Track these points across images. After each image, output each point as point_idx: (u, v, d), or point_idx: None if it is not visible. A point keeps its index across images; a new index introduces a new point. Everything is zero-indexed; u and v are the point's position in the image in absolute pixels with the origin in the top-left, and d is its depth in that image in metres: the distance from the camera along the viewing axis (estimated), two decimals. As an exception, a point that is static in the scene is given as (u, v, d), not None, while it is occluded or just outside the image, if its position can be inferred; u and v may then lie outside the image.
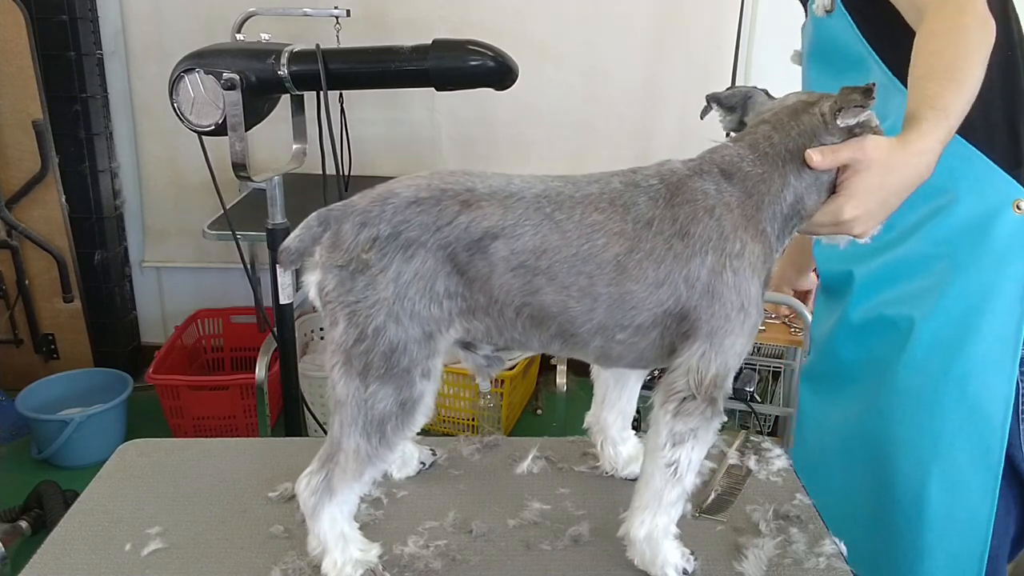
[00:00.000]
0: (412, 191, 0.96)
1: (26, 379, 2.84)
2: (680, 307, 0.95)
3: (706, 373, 0.95)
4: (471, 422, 2.86)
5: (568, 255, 0.94)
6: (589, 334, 0.98)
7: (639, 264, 0.94)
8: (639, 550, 1.02)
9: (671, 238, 0.94)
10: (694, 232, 0.94)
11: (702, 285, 0.94)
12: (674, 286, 0.94)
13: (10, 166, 2.89)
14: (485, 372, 1.08)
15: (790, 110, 1.00)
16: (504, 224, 0.94)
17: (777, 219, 0.98)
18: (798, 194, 0.98)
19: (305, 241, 0.98)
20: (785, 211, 0.98)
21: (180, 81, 1.67)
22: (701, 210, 0.94)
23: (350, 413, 0.97)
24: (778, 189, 0.97)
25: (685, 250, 0.93)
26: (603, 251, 0.94)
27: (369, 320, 0.94)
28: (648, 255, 0.94)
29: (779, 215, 0.98)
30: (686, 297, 0.94)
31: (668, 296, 0.94)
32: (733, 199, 0.95)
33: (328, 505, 1.00)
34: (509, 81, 1.69)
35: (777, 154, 0.97)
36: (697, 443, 0.98)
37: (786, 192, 0.97)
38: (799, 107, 1.00)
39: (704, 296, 0.94)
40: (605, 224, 0.94)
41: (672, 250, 0.94)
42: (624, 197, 0.96)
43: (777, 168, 0.97)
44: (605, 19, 2.89)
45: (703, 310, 0.94)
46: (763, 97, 1.06)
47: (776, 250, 1.00)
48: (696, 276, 0.94)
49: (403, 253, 0.94)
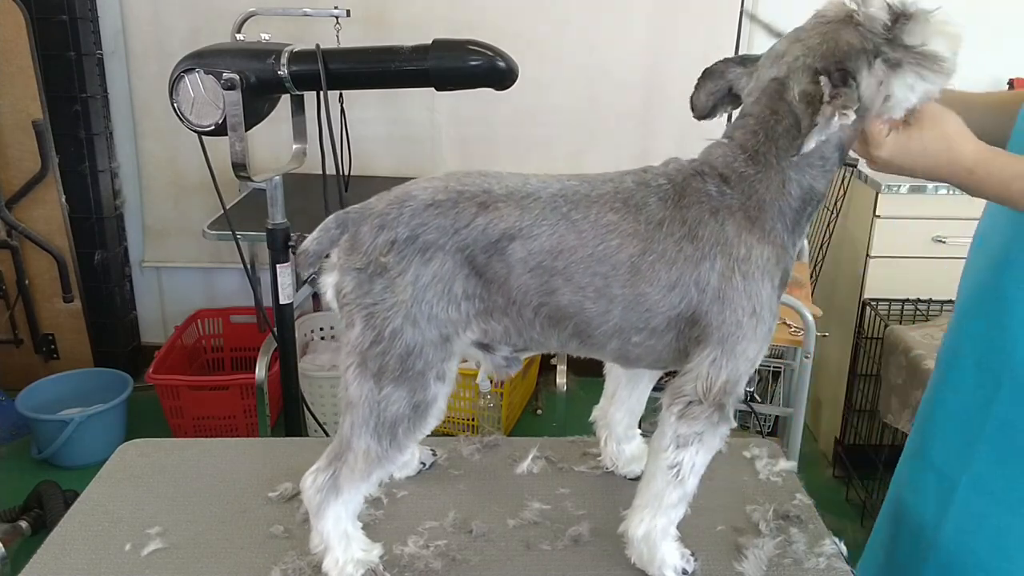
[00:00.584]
0: (429, 193, 0.96)
1: (26, 379, 2.84)
2: (692, 311, 0.94)
3: (716, 379, 0.94)
4: (471, 422, 2.86)
5: (584, 255, 0.94)
6: (606, 336, 0.98)
7: (652, 266, 0.93)
8: (637, 549, 1.03)
9: (681, 240, 0.93)
10: (702, 235, 0.93)
11: (712, 290, 0.93)
12: (686, 289, 0.93)
13: (10, 166, 2.88)
14: (504, 372, 1.07)
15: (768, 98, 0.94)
16: (521, 225, 0.94)
17: (786, 215, 0.95)
18: (804, 185, 0.95)
19: (323, 243, 0.98)
20: (795, 205, 0.95)
21: (180, 81, 1.67)
22: (707, 212, 0.94)
23: (362, 414, 0.97)
24: (778, 186, 0.94)
25: (695, 253, 0.93)
26: (617, 252, 0.93)
27: (386, 323, 0.94)
28: (660, 257, 0.93)
29: (788, 210, 0.95)
30: (697, 301, 0.94)
31: (680, 299, 0.94)
32: (735, 202, 0.94)
33: (333, 503, 1.00)
34: (509, 81, 1.68)
35: (768, 152, 0.94)
36: (702, 447, 0.97)
37: (789, 187, 0.94)
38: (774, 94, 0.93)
39: (715, 301, 0.93)
40: (619, 224, 0.94)
41: (683, 252, 0.93)
42: (636, 197, 0.95)
43: (772, 166, 0.94)
44: (605, 19, 2.89)
45: (714, 315, 0.94)
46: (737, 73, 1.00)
47: (793, 245, 0.97)
48: (707, 280, 0.93)
49: (421, 256, 0.94)
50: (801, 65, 0.90)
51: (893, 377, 2.28)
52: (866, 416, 2.54)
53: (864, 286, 2.55)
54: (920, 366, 2.12)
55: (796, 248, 0.99)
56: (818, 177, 0.95)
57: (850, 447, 2.63)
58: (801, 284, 2.38)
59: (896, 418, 2.23)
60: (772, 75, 0.93)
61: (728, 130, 0.99)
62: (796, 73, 0.91)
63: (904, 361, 2.22)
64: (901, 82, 0.87)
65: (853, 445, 2.61)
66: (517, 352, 1.05)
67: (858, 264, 2.58)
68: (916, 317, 2.45)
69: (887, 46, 0.87)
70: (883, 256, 2.52)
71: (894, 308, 2.47)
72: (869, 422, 2.54)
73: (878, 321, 2.45)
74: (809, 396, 2.24)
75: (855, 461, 2.60)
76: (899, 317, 2.46)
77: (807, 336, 2.12)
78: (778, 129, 0.93)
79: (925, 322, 2.39)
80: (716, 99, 1.01)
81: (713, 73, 1.01)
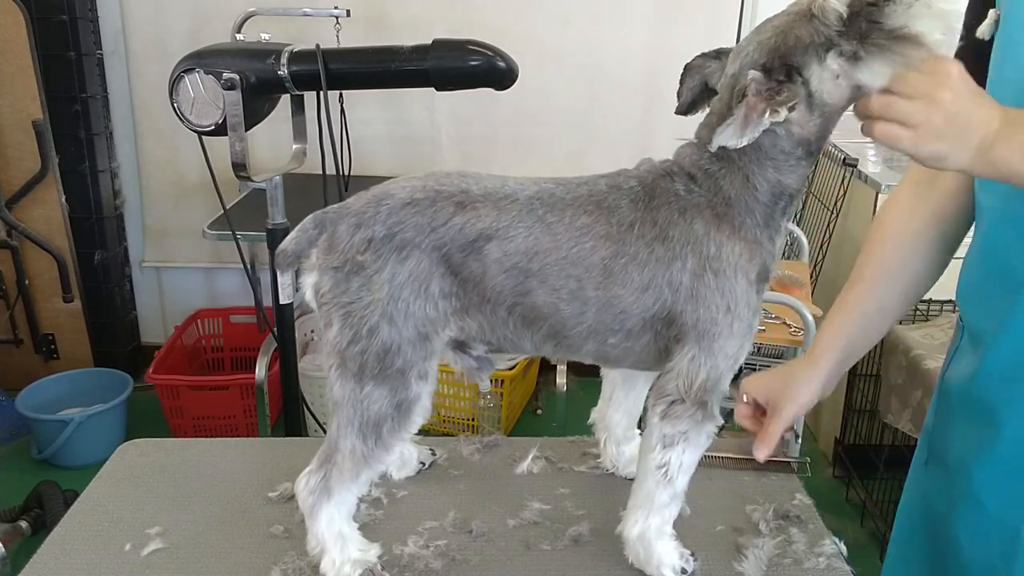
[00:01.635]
0: (407, 192, 0.96)
1: (26, 379, 2.84)
2: (667, 311, 0.94)
3: (696, 377, 0.95)
4: (471, 422, 2.86)
5: (559, 258, 0.94)
6: (581, 337, 0.98)
7: (624, 268, 0.93)
8: (633, 549, 1.03)
9: (652, 241, 0.93)
10: (672, 235, 0.93)
11: (685, 289, 0.93)
12: (659, 290, 0.93)
13: (10, 166, 2.88)
14: (476, 375, 1.07)
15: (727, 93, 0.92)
16: (498, 226, 0.94)
17: (755, 210, 0.93)
18: (771, 179, 0.92)
19: (301, 243, 0.98)
20: (763, 199, 0.93)
21: (180, 81, 1.67)
22: (676, 212, 0.93)
23: (346, 414, 0.97)
24: (742, 182, 0.92)
25: (666, 253, 0.93)
26: (591, 254, 0.93)
27: (363, 321, 0.94)
28: (632, 259, 0.93)
29: (757, 205, 0.93)
30: (671, 301, 0.94)
31: (654, 301, 0.94)
32: (702, 200, 0.93)
33: (326, 505, 1.00)
34: (509, 81, 1.68)
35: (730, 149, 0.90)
36: (688, 446, 0.97)
37: (754, 182, 0.92)
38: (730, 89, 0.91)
39: (689, 300, 0.93)
40: (592, 227, 0.94)
41: (654, 254, 0.93)
42: (609, 199, 0.95)
43: (734, 162, 0.92)
44: (605, 19, 2.89)
45: (689, 314, 0.93)
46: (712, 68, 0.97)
47: (770, 239, 0.95)
48: (679, 280, 0.93)
49: (398, 254, 0.94)
50: (750, 60, 0.89)
51: (893, 377, 2.28)
52: (866, 416, 2.54)
53: (864, 286, 2.54)
54: (920, 366, 2.12)
55: (776, 243, 0.97)
56: (785, 172, 0.92)
57: (850, 447, 2.63)
58: (801, 284, 2.38)
59: (896, 418, 2.23)
60: (731, 71, 0.92)
61: (697, 129, 0.98)
62: (745, 69, 0.89)
63: (904, 361, 2.22)
64: (867, 71, 0.83)
65: (853, 445, 2.61)
66: (492, 351, 1.05)
67: (858, 264, 2.57)
68: (916, 317, 2.45)
69: (842, 38, 0.84)
70: (883, 256, 2.52)
71: (894, 308, 2.47)
72: (869, 422, 2.53)
73: (878, 321, 2.44)
74: (809, 396, 2.23)
75: (855, 461, 2.60)
76: (899, 317, 2.46)
77: (807, 336, 2.12)
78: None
79: (925, 322, 2.39)
80: (694, 94, 0.99)
81: (691, 69, 0.99)
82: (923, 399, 2.09)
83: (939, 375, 1.11)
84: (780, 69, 0.86)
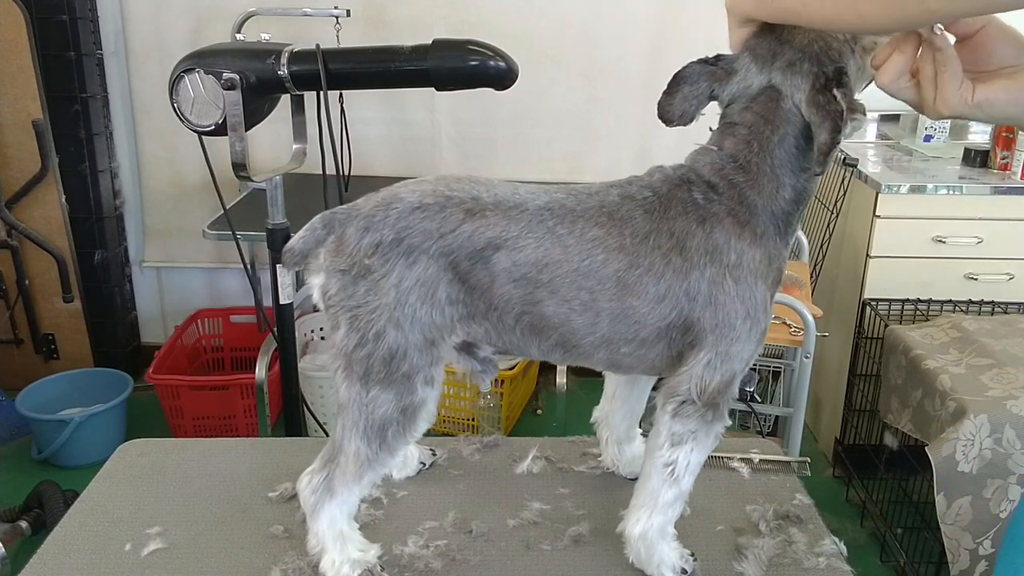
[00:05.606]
0: (417, 197, 0.96)
1: (26, 379, 2.84)
2: (684, 319, 0.94)
3: (711, 381, 0.94)
4: (471, 422, 2.86)
5: (569, 270, 0.93)
6: (592, 346, 0.97)
7: (639, 280, 0.92)
8: (634, 548, 1.03)
9: (669, 252, 0.92)
10: (690, 246, 0.92)
11: (704, 297, 0.92)
12: (676, 300, 0.93)
13: (10, 166, 2.89)
14: (479, 377, 1.07)
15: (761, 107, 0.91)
16: (507, 235, 0.93)
17: (779, 217, 0.94)
18: (799, 188, 0.94)
19: (309, 243, 0.98)
20: (787, 208, 0.94)
21: (180, 81, 1.67)
22: (694, 222, 0.93)
23: (352, 416, 0.97)
24: (772, 192, 0.93)
25: (684, 264, 0.92)
26: (603, 267, 0.93)
27: (370, 325, 0.94)
28: (648, 270, 0.92)
29: (780, 213, 0.94)
30: (688, 309, 0.93)
31: (670, 310, 0.93)
32: (721, 208, 0.93)
33: (328, 505, 1.00)
34: (509, 81, 1.68)
35: (763, 162, 0.92)
36: (696, 446, 0.97)
37: (782, 192, 0.93)
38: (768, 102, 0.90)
39: (707, 307, 0.93)
40: (605, 239, 0.93)
41: (671, 264, 0.92)
42: (621, 211, 0.94)
43: (765, 174, 0.92)
44: (605, 19, 2.89)
45: (707, 321, 0.93)
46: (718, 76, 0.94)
47: (786, 244, 0.96)
48: (697, 289, 0.92)
49: (405, 259, 0.93)
50: (798, 71, 0.88)
51: (893, 377, 2.29)
52: (866, 416, 2.55)
53: (864, 286, 2.55)
54: (920, 366, 2.12)
55: (789, 246, 0.98)
56: (812, 179, 0.94)
57: (850, 447, 2.63)
58: (801, 284, 2.38)
59: (896, 418, 2.24)
60: (763, 82, 0.91)
61: (715, 138, 0.97)
62: (793, 80, 0.88)
63: (904, 361, 2.22)
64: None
65: (853, 445, 2.61)
66: (498, 353, 1.05)
67: (858, 264, 2.58)
68: (916, 317, 2.45)
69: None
70: (883, 256, 2.52)
71: (894, 308, 2.48)
72: (869, 422, 2.54)
73: (878, 321, 2.45)
74: (809, 396, 2.24)
75: (855, 461, 2.60)
76: (899, 317, 2.46)
77: (807, 336, 2.12)
78: (773, 139, 0.91)
79: (925, 322, 2.39)
80: (697, 104, 0.95)
81: (688, 77, 0.95)
82: (923, 399, 2.09)
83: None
84: (835, 75, 0.86)
